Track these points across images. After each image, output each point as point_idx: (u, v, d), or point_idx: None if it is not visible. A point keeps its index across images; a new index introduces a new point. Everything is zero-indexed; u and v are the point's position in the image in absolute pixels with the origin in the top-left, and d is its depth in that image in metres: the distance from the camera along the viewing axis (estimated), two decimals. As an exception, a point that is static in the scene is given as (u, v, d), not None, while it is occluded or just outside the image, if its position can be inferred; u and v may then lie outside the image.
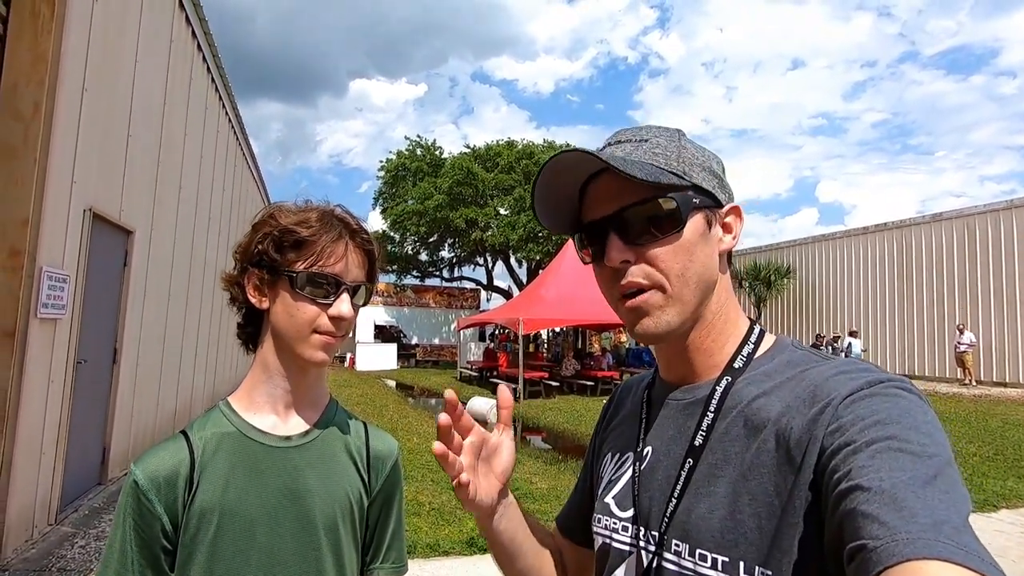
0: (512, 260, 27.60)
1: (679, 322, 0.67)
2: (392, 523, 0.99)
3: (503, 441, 0.72)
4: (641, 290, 0.66)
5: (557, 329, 19.96)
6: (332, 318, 0.87)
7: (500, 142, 27.04)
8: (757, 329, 0.72)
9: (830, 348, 17.48)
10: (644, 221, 0.66)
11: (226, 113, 9.28)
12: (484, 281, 30.29)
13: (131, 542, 0.81)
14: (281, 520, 0.86)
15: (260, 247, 0.88)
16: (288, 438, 0.91)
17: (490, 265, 29.49)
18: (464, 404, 0.70)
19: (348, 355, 23.24)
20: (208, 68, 7.97)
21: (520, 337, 13.79)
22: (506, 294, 28.68)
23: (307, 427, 0.93)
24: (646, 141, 0.69)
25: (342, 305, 0.87)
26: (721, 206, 0.70)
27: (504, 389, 0.71)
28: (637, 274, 0.66)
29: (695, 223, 0.67)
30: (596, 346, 19.77)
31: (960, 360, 16.71)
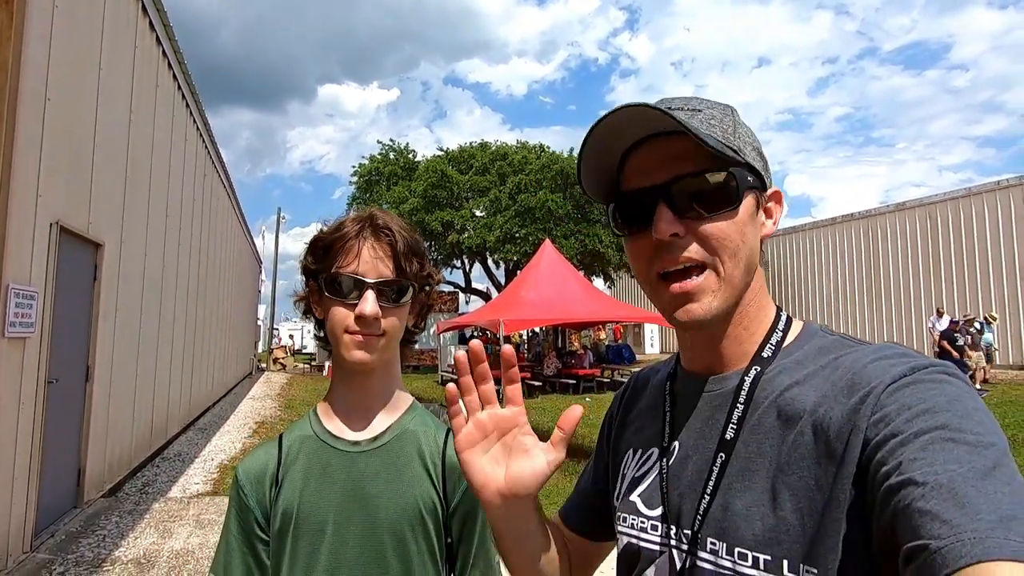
0: (489, 262, 27.54)
1: (726, 308, 0.63)
2: (476, 538, 0.93)
3: (532, 450, 0.62)
4: (689, 268, 0.62)
5: (536, 329, 19.97)
6: (357, 317, 0.87)
7: (474, 144, 26.96)
8: (784, 316, 0.69)
9: (968, 337, 12.42)
10: (700, 194, 0.61)
11: (194, 121, 9.08)
12: (462, 284, 30.19)
13: (234, 530, 0.91)
14: (346, 525, 0.87)
15: (304, 260, 0.94)
16: (357, 443, 0.91)
17: (467, 267, 29.40)
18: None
19: (327, 364, 22.99)
20: (174, 75, 7.78)
21: (501, 338, 13.77)
22: (485, 296, 28.60)
23: (378, 432, 0.93)
24: (699, 111, 0.65)
25: (365, 304, 0.86)
26: (766, 189, 0.68)
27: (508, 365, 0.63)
28: (689, 249, 0.61)
29: (748, 203, 0.64)
30: (576, 344, 19.84)
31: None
